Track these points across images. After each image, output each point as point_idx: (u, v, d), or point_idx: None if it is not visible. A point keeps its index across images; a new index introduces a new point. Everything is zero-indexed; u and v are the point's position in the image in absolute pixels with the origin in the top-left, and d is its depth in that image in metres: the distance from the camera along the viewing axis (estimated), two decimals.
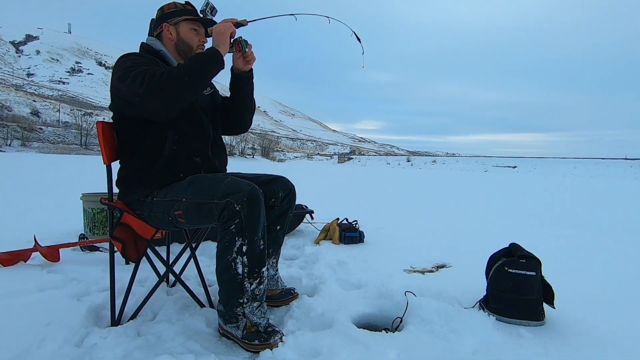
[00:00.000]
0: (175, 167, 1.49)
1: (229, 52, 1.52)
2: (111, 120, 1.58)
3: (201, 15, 1.60)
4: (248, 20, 1.55)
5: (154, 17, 1.62)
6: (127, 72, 1.34)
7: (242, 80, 1.69)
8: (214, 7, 1.59)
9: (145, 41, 1.61)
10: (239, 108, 1.73)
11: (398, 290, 1.77)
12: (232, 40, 1.52)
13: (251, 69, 1.69)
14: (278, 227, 1.68)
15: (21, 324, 1.46)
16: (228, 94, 1.76)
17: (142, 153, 1.48)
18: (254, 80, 1.72)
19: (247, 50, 1.60)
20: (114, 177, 1.55)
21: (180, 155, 1.50)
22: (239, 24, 1.53)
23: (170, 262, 1.70)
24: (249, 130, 1.88)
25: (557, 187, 12.63)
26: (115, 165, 1.56)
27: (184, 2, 1.62)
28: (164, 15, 1.59)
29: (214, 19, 1.61)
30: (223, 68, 1.51)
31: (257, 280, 1.37)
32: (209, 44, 1.60)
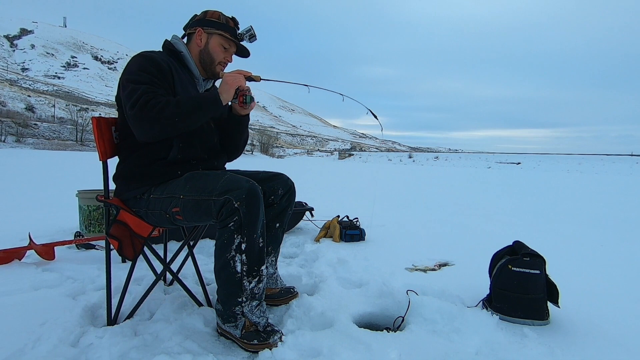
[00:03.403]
0: (174, 167, 1.47)
1: (231, 101, 1.53)
2: (106, 116, 1.54)
3: (238, 37, 1.58)
4: (262, 77, 1.53)
5: (197, 14, 1.59)
6: (129, 81, 1.34)
7: (236, 122, 1.67)
8: (254, 35, 1.58)
9: (170, 39, 1.59)
10: (225, 143, 1.71)
11: (400, 288, 1.76)
12: (238, 90, 1.51)
13: (247, 114, 1.67)
14: (277, 225, 1.66)
15: (15, 323, 1.44)
16: None
17: (143, 153, 1.45)
18: (249, 122, 1.73)
19: (248, 105, 1.57)
20: (110, 174, 1.53)
21: (181, 160, 1.49)
22: (251, 79, 1.51)
23: (168, 260, 1.69)
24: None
25: (562, 183, 12.64)
26: (111, 162, 1.53)
27: (229, 17, 1.59)
28: (204, 21, 1.56)
29: (249, 46, 1.61)
30: (220, 112, 1.49)
31: (256, 279, 1.35)
32: (233, 65, 1.60)
